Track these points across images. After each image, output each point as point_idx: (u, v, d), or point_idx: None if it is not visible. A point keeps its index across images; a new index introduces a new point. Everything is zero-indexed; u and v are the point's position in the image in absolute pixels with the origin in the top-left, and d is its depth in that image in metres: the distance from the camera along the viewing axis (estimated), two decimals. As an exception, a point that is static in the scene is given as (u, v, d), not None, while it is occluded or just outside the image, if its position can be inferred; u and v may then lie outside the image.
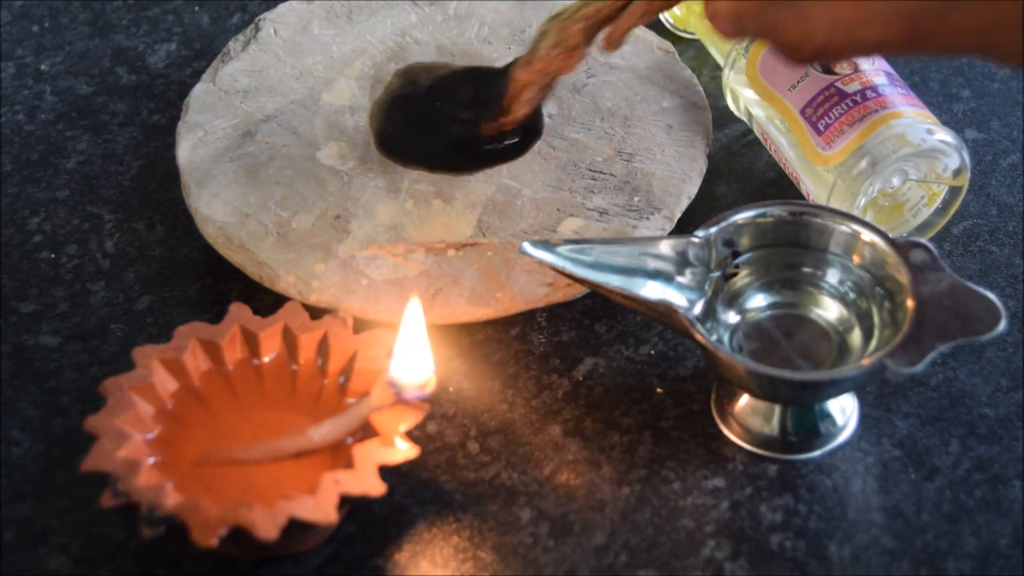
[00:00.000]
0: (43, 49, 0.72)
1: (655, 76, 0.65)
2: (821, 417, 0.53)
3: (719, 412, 0.54)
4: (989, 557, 0.50)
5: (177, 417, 0.52)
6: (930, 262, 0.50)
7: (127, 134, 0.67)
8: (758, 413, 0.53)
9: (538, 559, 0.50)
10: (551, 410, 0.55)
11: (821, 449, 0.53)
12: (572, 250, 0.52)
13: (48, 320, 0.59)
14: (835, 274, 0.53)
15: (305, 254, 0.58)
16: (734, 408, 0.53)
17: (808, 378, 0.51)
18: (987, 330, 0.48)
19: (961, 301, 0.49)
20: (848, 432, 0.53)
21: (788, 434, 0.53)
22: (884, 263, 0.51)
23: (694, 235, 0.53)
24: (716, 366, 0.51)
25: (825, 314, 0.53)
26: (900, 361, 0.48)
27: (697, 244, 0.53)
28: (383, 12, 0.68)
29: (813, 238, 0.53)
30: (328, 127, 0.63)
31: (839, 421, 0.53)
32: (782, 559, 0.50)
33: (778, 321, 0.53)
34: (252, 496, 0.49)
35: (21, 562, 0.51)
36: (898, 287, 0.50)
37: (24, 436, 0.55)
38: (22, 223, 0.63)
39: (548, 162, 0.61)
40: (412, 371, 0.49)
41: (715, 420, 0.54)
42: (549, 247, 0.52)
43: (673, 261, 0.53)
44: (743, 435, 0.53)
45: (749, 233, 0.53)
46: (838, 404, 0.53)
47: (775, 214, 0.53)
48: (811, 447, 0.53)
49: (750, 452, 0.53)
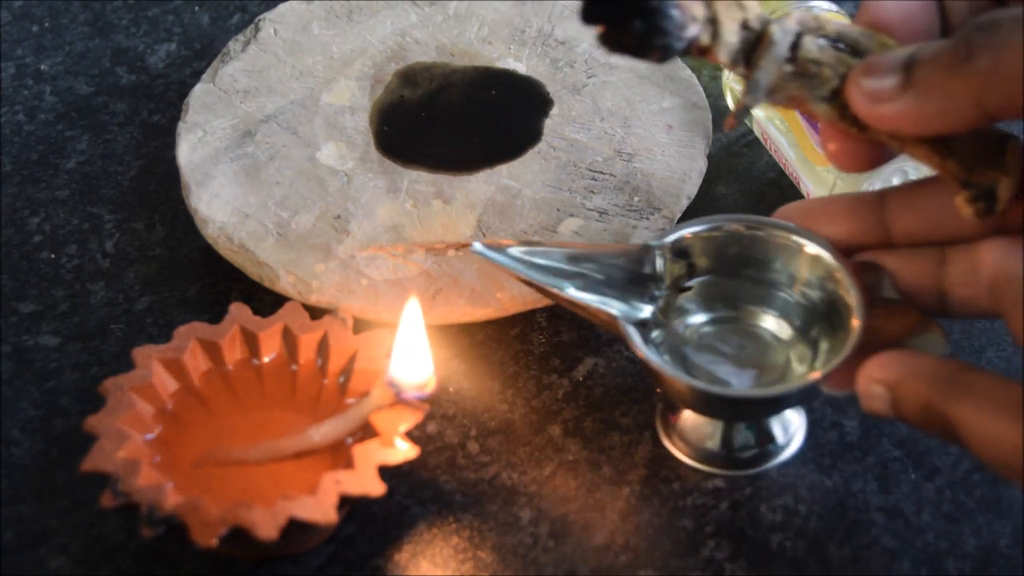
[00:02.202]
0: (43, 49, 0.72)
1: (655, 76, 0.65)
2: (763, 433, 0.53)
3: (663, 426, 0.54)
4: (989, 557, 0.50)
5: (177, 417, 0.52)
6: (876, 282, 0.49)
7: (127, 134, 0.67)
8: (699, 428, 0.53)
9: (538, 559, 0.50)
10: (551, 410, 0.55)
11: (764, 465, 0.52)
12: (525, 252, 0.51)
13: (48, 320, 0.59)
14: (786, 289, 0.52)
15: (305, 254, 0.58)
16: (677, 422, 0.53)
17: (742, 395, 0.50)
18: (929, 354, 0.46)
19: (907, 326, 0.48)
20: (793, 448, 0.53)
21: (732, 450, 0.52)
22: (834, 281, 0.50)
23: (647, 245, 0.52)
24: (654, 379, 0.50)
25: (774, 330, 0.53)
26: (836, 383, 0.47)
27: (650, 255, 0.52)
28: (383, 12, 0.68)
29: (766, 253, 0.52)
30: (328, 127, 0.63)
31: (780, 439, 0.53)
32: (782, 559, 0.50)
33: (726, 335, 0.52)
34: (252, 496, 0.49)
35: (21, 562, 0.51)
36: (845, 307, 0.49)
37: (24, 436, 0.55)
38: (22, 223, 0.63)
39: (548, 162, 0.61)
40: (412, 371, 0.49)
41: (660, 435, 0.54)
42: (500, 249, 0.51)
43: (626, 271, 0.51)
44: (685, 450, 0.53)
45: (702, 245, 0.52)
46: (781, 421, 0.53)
47: (728, 228, 0.52)
48: (755, 463, 0.52)
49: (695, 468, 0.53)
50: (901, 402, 0.41)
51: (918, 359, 0.41)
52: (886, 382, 0.41)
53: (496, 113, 0.63)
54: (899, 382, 0.41)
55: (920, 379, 0.41)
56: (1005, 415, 0.38)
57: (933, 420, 0.40)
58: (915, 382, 0.41)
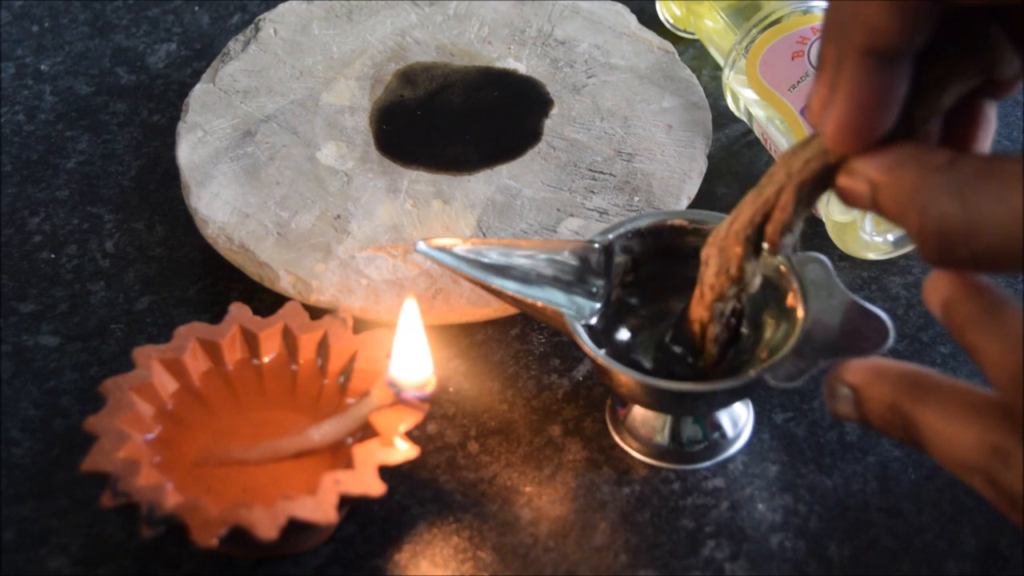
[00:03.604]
0: (43, 49, 0.72)
1: (655, 76, 0.65)
2: (712, 426, 0.53)
3: (612, 422, 0.54)
4: (989, 557, 0.50)
5: (177, 417, 0.52)
6: (824, 277, 0.49)
7: (127, 134, 0.67)
8: (648, 422, 0.53)
9: (538, 559, 0.50)
10: (551, 410, 0.55)
11: (713, 459, 0.53)
12: (469, 251, 0.50)
13: (48, 320, 0.59)
14: None
15: (305, 254, 0.58)
16: (625, 417, 0.53)
17: (683, 389, 0.49)
18: (873, 348, 0.47)
19: (851, 318, 0.48)
20: (741, 442, 0.53)
21: (681, 444, 0.53)
22: (779, 276, 0.50)
23: (592, 241, 0.52)
24: (601, 375, 0.50)
25: None
26: (780, 376, 0.47)
27: (596, 251, 0.52)
28: (383, 12, 0.68)
29: None
30: (328, 127, 0.63)
31: (729, 432, 0.53)
32: (782, 559, 0.50)
33: (674, 330, 0.52)
34: (252, 496, 0.49)
35: (21, 562, 0.51)
36: (790, 301, 0.50)
37: (24, 436, 0.55)
38: (22, 223, 0.63)
39: (548, 162, 0.61)
40: (412, 371, 0.49)
41: (610, 431, 0.54)
42: (444, 249, 0.50)
43: (574, 268, 0.51)
44: (635, 445, 0.53)
45: (648, 241, 0.52)
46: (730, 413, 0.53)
47: (674, 223, 0.52)
48: (704, 456, 0.53)
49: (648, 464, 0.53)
50: (866, 403, 0.42)
51: (885, 364, 0.42)
52: (853, 384, 0.42)
53: (496, 113, 0.63)
54: (866, 384, 0.42)
55: (886, 382, 0.42)
56: (964, 417, 0.39)
57: (896, 422, 0.41)
58: (881, 384, 0.42)
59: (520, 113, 0.63)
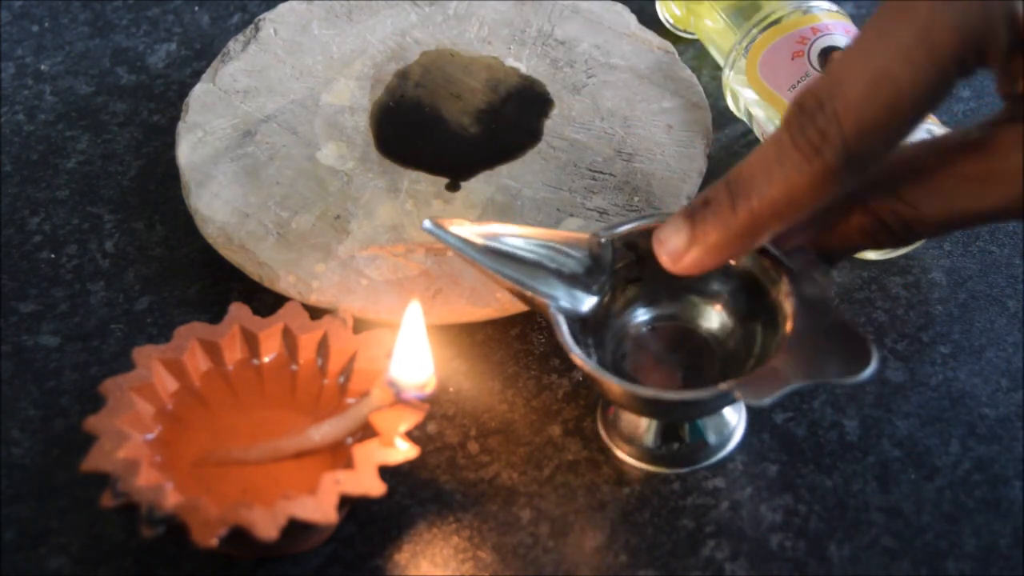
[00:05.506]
0: (43, 49, 0.72)
1: (655, 76, 0.65)
2: (701, 430, 0.52)
3: (603, 423, 0.54)
4: (989, 557, 0.50)
5: (177, 417, 0.52)
6: (818, 295, 0.49)
7: (127, 134, 0.67)
8: (633, 424, 0.53)
9: (538, 559, 0.50)
10: (551, 410, 0.55)
11: (700, 463, 0.53)
12: (476, 234, 0.50)
13: (48, 320, 0.59)
14: (727, 291, 0.52)
15: (305, 254, 0.58)
16: (614, 418, 0.53)
17: (660, 396, 0.49)
18: (851, 375, 0.45)
19: (837, 341, 0.47)
20: (730, 447, 0.53)
21: (667, 446, 0.52)
22: (776, 289, 0.50)
23: (596, 235, 0.51)
24: (588, 377, 0.50)
25: (713, 330, 0.53)
26: (751, 392, 0.46)
27: (599, 245, 0.52)
28: (383, 12, 0.68)
29: None
30: (328, 127, 0.63)
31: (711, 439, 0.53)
32: (782, 559, 0.50)
33: (665, 334, 0.52)
34: (252, 496, 0.49)
35: (21, 562, 0.51)
36: (781, 315, 0.49)
37: (24, 436, 0.55)
38: (22, 223, 0.63)
39: (548, 162, 0.61)
40: (412, 371, 0.49)
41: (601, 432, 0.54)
42: (446, 229, 0.50)
43: (576, 260, 0.51)
44: (623, 447, 0.53)
45: (650, 240, 0.51)
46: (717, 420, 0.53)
47: None
48: (690, 460, 0.53)
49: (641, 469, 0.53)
50: None
51: None
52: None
53: (496, 113, 0.63)
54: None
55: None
56: None
57: None
58: None
59: (520, 113, 0.63)
